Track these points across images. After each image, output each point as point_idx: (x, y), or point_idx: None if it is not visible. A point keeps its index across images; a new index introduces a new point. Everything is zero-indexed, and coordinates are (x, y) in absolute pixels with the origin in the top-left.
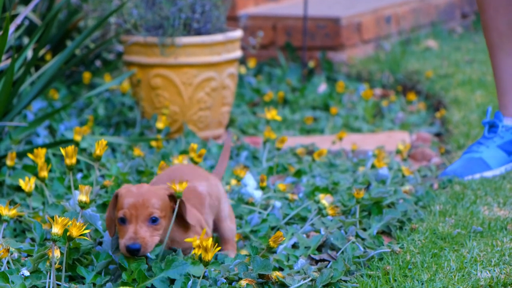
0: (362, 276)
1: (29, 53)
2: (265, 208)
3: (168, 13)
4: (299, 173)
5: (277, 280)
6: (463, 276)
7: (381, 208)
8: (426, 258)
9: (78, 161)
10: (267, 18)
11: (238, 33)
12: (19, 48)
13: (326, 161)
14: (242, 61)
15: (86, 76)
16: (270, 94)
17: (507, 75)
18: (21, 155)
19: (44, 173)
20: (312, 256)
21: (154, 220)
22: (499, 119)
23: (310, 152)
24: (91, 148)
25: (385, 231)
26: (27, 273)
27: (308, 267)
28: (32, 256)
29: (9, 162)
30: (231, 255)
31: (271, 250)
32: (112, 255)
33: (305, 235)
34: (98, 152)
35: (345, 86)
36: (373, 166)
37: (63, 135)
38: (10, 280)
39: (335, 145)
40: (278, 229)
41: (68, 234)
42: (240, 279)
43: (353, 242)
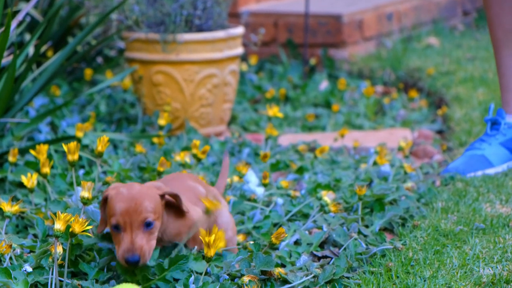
0: (365, 273)
1: (31, 50)
2: (267, 205)
3: (170, 10)
4: (301, 170)
5: (280, 277)
6: (466, 273)
7: (383, 205)
8: (429, 255)
9: (80, 158)
10: (269, 15)
11: (240, 30)
12: (21, 45)
13: (328, 158)
14: (244, 58)
15: (88, 73)
16: (272, 91)
17: (511, 72)
18: (23, 152)
19: (46, 170)
20: (315, 253)
21: (149, 224)
22: (502, 117)
23: (312, 149)
24: (93, 145)
25: (387, 228)
26: (30, 269)
27: (311, 264)
28: (35, 252)
29: (11, 159)
30: None
31: (273, 247)
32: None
33: (307, 232)
34: (100, 149)
35: (347, 83)
36: (375, 163)
37: (65, 132)
38: (13, 276)
39: (337, 142)
40: (281, 226)
41: (71, 230)
42: (243, 276)
43: (355, 239)
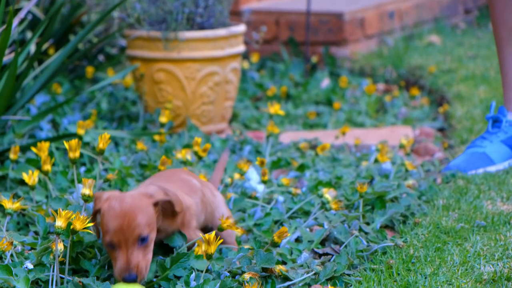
0: (366, 270)
1: (32, 47)
2: (268, 202)
3: (172, 8)
4: (302, 168)
5: (280, 274)
6: (467, 270)
7: (385, 203)
8: (430, 252)
9: (81, 155)
10: (270, 13)
11: (241, 28)
12: (22, 43)
13: (329, 156)
14: (245, 56)
15: (89, 71)
16: (273, 89)
17: None
18: (25, 149)
19: (48, 167)
20: (315, 250)
21: (144, 239)
22: (503, 114)
23: (313, 147)
24: (94, 142)
25: (389, 225)
26: (31, 266)
27: (312, 261)
28: (36, 250)
29: (13, 156)
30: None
31: (275, 245)
32: None
33: (308, 229)
34: (101, 146)
35: (348, 81)
36: (376, 161)
37: (66, 129)
38: (14, 273)
39: (338, 140)
40: (282, 223)
41: (72, 227)
42: (244, 273)
43: (357, 236)
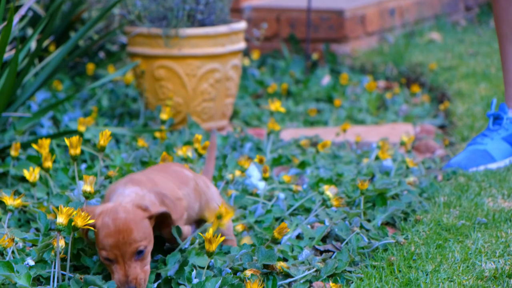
0: (367, 267)
1: (33, 44)
2: (269, 199)
3: (172, 4)
4: (303, 165)
5: (282, 271)
6: (468, 267)
7: (386, 200)
8: (431, 249)
9: (82, 152)
10: (271, 10)
11: (242, 25)
12: (23, 39)
13: (330, 153)
14: (246, 53)
15: (90, 68)
16: (274, 86)
17: None
18: (25, 146)
19: (49, 164)
20: (317, 247)
21: (141, 252)
22: (504, 111)
23: (314, 144)
24: (95, 139)
25: (390, 222)
26: (32, 263)
27: (313, 258)
28: (37, 246)
29: (13, 153)
30: (234, 243)
31: (276, 241)
32: None
33: (310, 226)
34: (102, 143)
35: (349, 78)
36: (377, 158)
37: (67, 126)
38: (15, 270)
39: (339, 137)
40: (283, 220)
41: (73, 224)
42: (245, 269)
43: (358, 233)
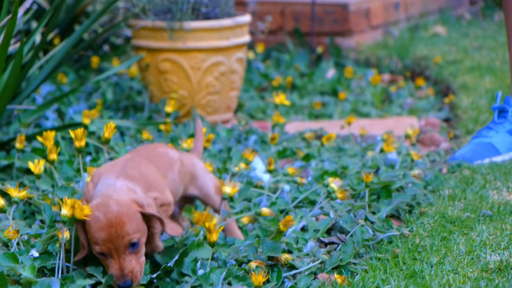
0: (371, 259)
1: (38, 37)
2: (274, 192)
3: None
4: (308, 157)
5: (287, 262)
6: (472, 259)
7: (390, 192)
8: (435, 242)
9: (87, 144)
10: (275, 3)
11: (247, 18)
12: (28, 32)
13: (335, 146)
14: (250, 46)
15: (94, 61)
16: (278, 79)
17: None
18: (30, 138)
19: (53, 156)
20: (321, 239)
21: (134, 244)
22: (509, 104)
23: (319, 137)
24: (100, 132)
25: (394, 215)
26: (37, 254)
27: (317, 250)
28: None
29: (18, 145)
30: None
31: (281, 233)
32: None
33: (314, 218)
34: (107, 135)
35: (354, 72)
36: (382, 151)
37: (72, 119)
38: (20, 261)
39: (344, 130)
40: (287, 212)
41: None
42: (250, 261)
43: (362, 226)
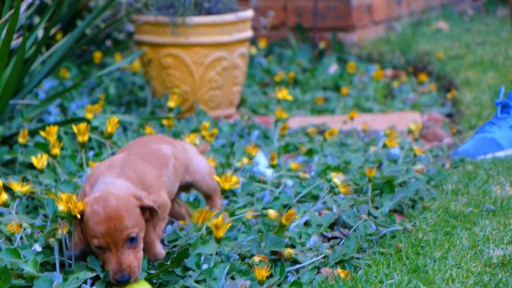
0: (375, 254)
1: (40, 32)
2: (277, 187)
3: None
4: (311, 152)
5: (290, 257)
6: (476, 254)
7: (393, 187)
8: (439, 236)
9: (90, 139)
10: None
11: (249, 13)
12: (30, 27)
13: (337, 141)
14: (253, 42)
15: (97, 56)
16: (281, 75)
17: None
18: (33, 133)
19: (56, 151)
20: (324, 234)
21: (133, 239)
22: None
23: (321, 132)
24: (103, 127)
25: (397, 210)
26: (39, 249)
27: (320, 245)
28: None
29: (21, 140)
30: (218, 205)
31: (283, 228)
32: None
33: (317, 213)
34: (110, 130)
35: (356, 67)
36: (385, 146)
37: (75, 114)
38: (22, 256)
39: (346, 125)
40: (290, 207)
41: (62, 212)
42: (253, 256)
43: (365, 220)
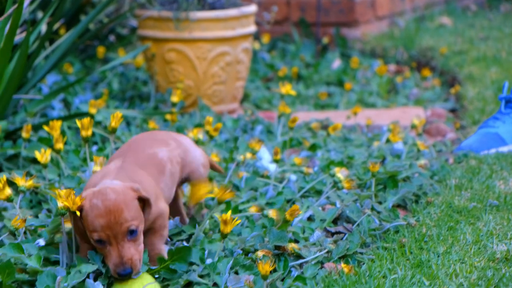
0: (378, 249)
1: (44, 27)
2: (280, 181)
3: None
4: (314, 147)
5: (293, 252)
6: (479, 249)
7: (397, 182)
8: (442, 231)
9: (93, 134)
10: None
11: (253, 8)
12: (34, 22)
13: (341, 136)
14: (256, 37)
15: (100, 51)
16: (284, 70)
17: None
18: (37, 128)
19: (60, 145)
20: (328, 229)
21: (133, 231)
22: None
23: (325, 127)
24: (106, 121)
25: (401, 205)
26: (43, 243)
27: (324, 239)
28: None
29: (25, 134)
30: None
31: (287, 223)
32: None
33: (321, 208)
34: (114, 124)
35: (359, 62)
36: (388, 141)
37: (78, 108)
38: (25, 249)
39: (350, 120)
40: (294, 202)
41: (61, 208)
42: (256, 250)
43: (369, 215)
